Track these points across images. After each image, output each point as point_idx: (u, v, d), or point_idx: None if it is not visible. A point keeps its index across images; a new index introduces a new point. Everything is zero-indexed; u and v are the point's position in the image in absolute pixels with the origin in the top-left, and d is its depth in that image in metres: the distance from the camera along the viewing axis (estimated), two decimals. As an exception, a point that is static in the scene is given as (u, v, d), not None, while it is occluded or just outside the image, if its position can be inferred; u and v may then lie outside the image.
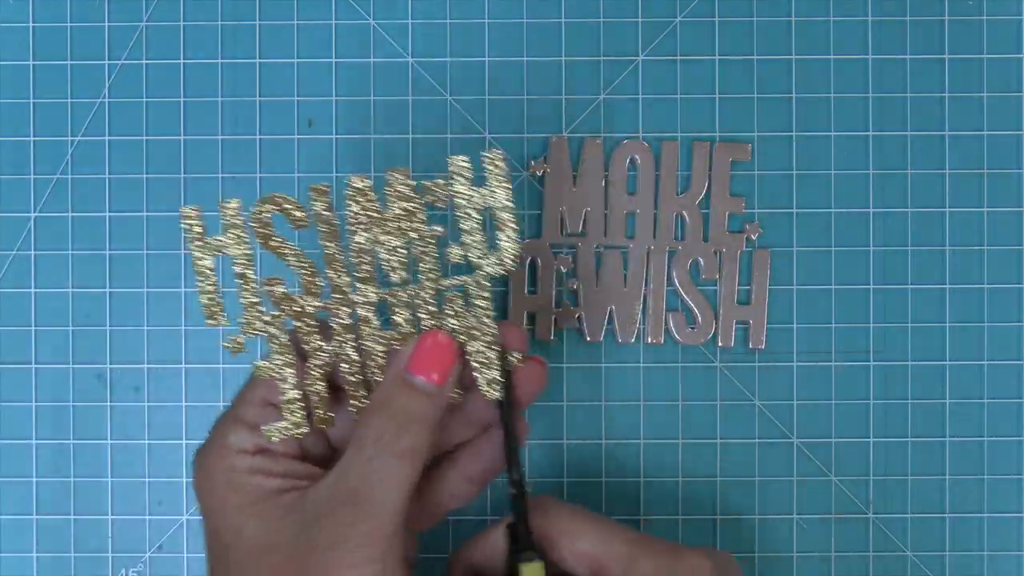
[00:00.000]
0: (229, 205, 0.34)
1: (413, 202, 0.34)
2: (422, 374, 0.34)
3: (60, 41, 0.44)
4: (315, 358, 0.34)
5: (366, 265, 0.34)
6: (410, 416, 0.33)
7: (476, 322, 0.34)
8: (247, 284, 0.34)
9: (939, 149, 0.44)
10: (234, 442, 0.34)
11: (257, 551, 0.33)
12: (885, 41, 0.44)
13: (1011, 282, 0.44)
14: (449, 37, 0.44)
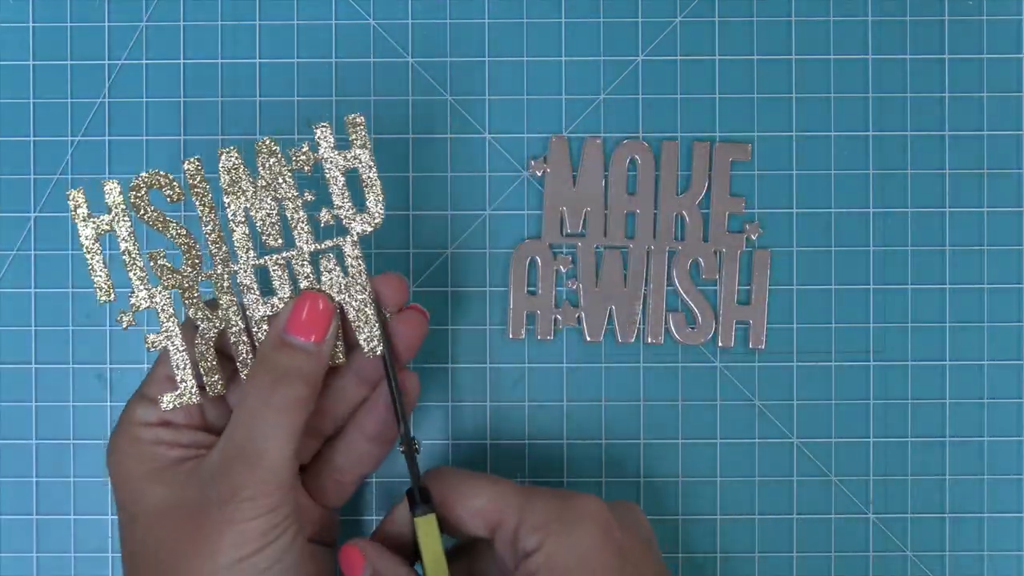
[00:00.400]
0: (110, 185, 0.36)
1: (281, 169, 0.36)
2: (299, 334, 0.35)
3: (60, 41, 0.44)
4: (203, 328, 0.36)
5: (243, 234, 0.36)
6: (288, 372, 0.35)
7: (351, 281, 0.36)
8: (132, 259, 0.36)
9: (939, 149, 0.44)
10: (139, 415, 0.36)
11: (159, 514, 0.35)
12: (885, 41, 0.44)
13: (1011, 282, 0.44)
14: (449, 37, 0.44)
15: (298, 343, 0.35)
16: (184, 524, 0.34)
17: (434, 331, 0.44)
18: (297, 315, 0.36)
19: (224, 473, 0.34)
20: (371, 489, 0.44)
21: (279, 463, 0.34)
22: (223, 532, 0.33)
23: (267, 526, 0.34)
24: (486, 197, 0.44)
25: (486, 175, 0.44)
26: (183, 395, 0.36)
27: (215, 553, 0.33)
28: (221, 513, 0.33)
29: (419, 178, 0.44)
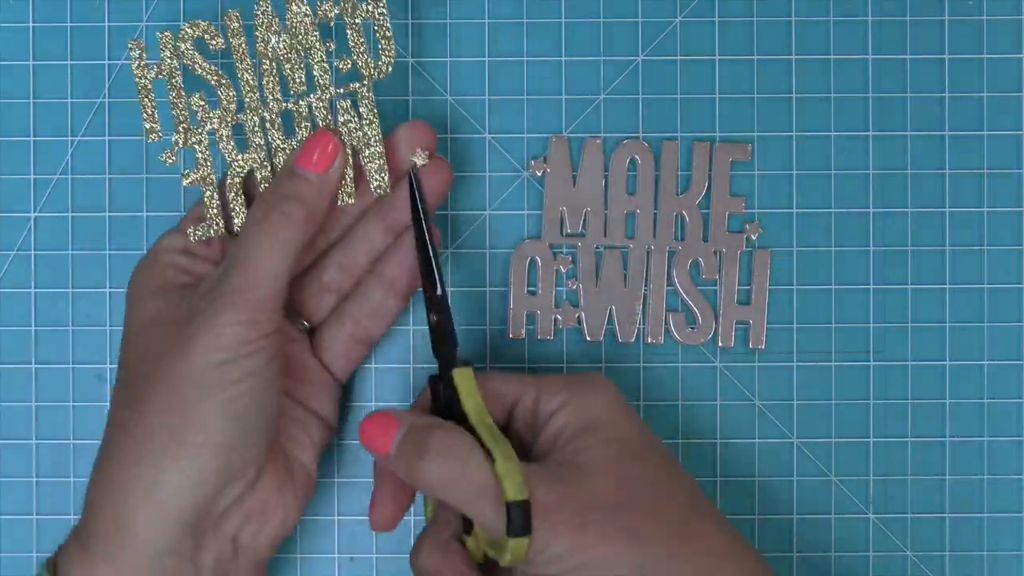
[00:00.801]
0: (166, 35, 0.40)
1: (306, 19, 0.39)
2: (306, 165, 0.38)
3: (60, 41, 0.44)
4: (233, 168, 0.40)
5: (271, 78, 0.40)
6: (287, 195, 0.37)
7: (364, 122, 0.39)
8: (179, 102, 0.40)
9: (939, 149, 0.44)
10: (164, 242, 0.39)
11: (149, 323, 0.37)
12: (885, 41, 0.44)
13: (1011, 282, 0.44)
14: (449, 37, 0.44)
15: (303, 172, 0.38)
16: (169, 330, 0.36)
17: (434, 331, 0.44)
18: (307, 150, 0.38)
19: (213, 282, 0.36)
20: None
21: (264, 275, 0.35)
22: (200, 333, 0.35)
23: (245, 336, 0.35)
24: (486, 197, 0.44)
25: (486, 175, 0.44)
26: (209, 226, 0.39)
27: (190, 352, 0.35)
28: (203, 318, 0.35)
29: (419, 178, 0.44)
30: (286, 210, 0.37)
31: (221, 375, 0.34)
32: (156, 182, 0.44)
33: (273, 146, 0.40)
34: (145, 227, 0.44)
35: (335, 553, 0.44)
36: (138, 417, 0.35)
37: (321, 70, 0.40)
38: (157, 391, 0.35)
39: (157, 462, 0.34)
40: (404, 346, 0.44)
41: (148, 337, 0.36)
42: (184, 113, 0.40)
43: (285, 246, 0.36)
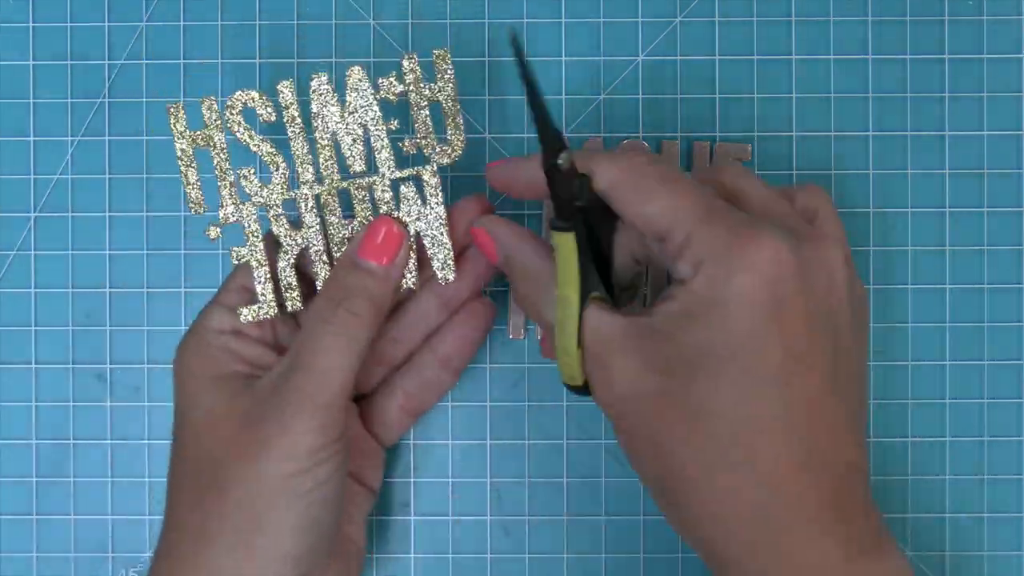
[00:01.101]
0: (208, 102, 0.37)
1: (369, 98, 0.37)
2: (370, 256, 0.37)
3: (60, 41, 0.44)
4: (286, 245, 0.38)
5: (328, 156, 0.37)
6: (355, 291, 0.36)
7: (428, 208, 0.38)
8: (224, 175, 0.37)
9: (939, 149, 0.44)
10: (212, 322, 0.37)
11: (212, 420, 0.35)
12: (885, 41, 0.44)
13: (1011, 282, 0.44)
14: (449, 37, 0.44)
15: (367, 265, 0.36)
16: (233, 433, 0.34)
17: (434, 331, 0.44)
18: (369, 239, 0.37)
19: (280, 383, 0.35)
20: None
21: (334, 379, 0.34)
22: (272, 443, 0.33)
23: (315, 444, 0.34)
24: (486, 197, 0.44)
25: (486, 175, 0.44)
26: (262, 307, 0.37)
27: (262, 464, 0.33)
28: (272, 423, 0.34)
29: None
30: (353, 307, 0.35)
31: (294, 487, 0.33)
32: (156, 182, 0.44)
33: (329, 225, 0.38)
34: (145, 227, 0.44)
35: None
36: (209, 525, 0.34)
37: (383, 150, 0.38)
38: (228, 500, 0.33)
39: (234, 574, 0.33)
40: (404, 346, 0.44)
41: (213, 436, 0.35)
42: (232, 187, 0.38)
43: (353, 344, 0.35)
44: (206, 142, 0.37)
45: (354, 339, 0.35)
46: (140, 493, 0.43)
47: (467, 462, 0.44)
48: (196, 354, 0.36)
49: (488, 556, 0.43)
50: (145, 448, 0.43)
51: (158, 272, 0.44)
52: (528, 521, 0.43)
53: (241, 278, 0.38)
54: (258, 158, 0.37)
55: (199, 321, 0.37)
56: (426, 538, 0.43)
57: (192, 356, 0.36)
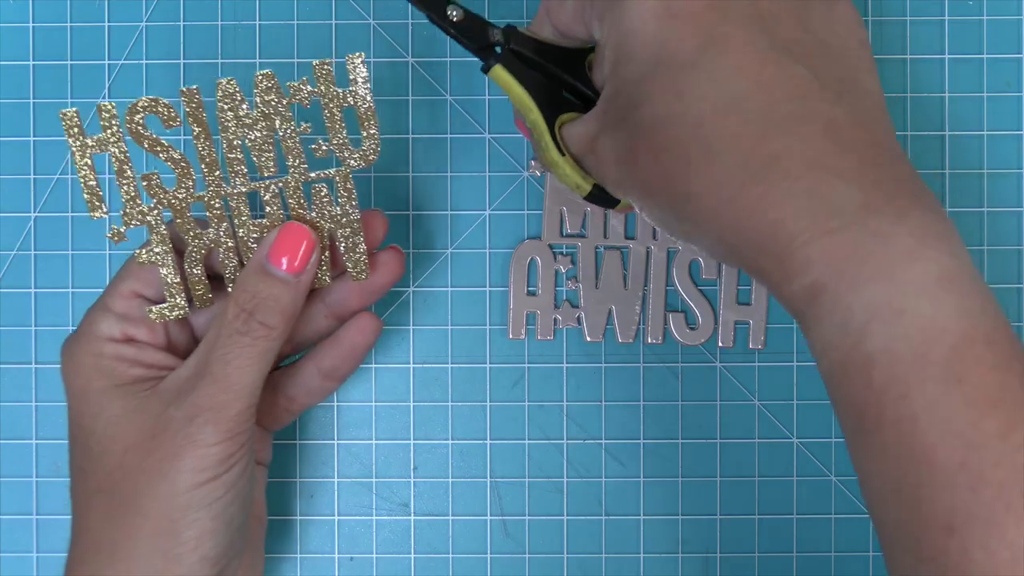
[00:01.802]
0: (106, 107, 0.35)
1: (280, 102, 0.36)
2: (280, 264, 0.35)
3: (60, 41, 0.44)
4: (193, 245, 0.36)
5: (236, 159, 0.36)
6: (265, 300, 0.35)
7: (341, 211, 0.37)
8: (125, 179, 0.36)
9: (939, 149, 0.44)
10: (103, 330, 0.36)
11: (117, 430, 0.34)
12: (885, 41, 0.44)
13: (1011, 282, 0.44)
14: (449, 37, 0.44)
15: (278, 273, 0.35)
16: (141, 444, 0.34)
17: (434, 331, 0.44)
18: (279, 245, 0.36)
19: (189, 391, 0.34)
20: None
21: (245, 389, 0.34)
22: (183, 455, 0.33)
23: (227, 452, 0.34)
24: (486, 197, 0.44)
25: (486, 175, 0.44)
26: (174, 308, 0.36)
27: (174, 476, 0.33)
28: (182, 434, 0.33)
29: (419, 178, 0.44)
30: (264, 318, 0.34)
31: (208, 493, 0.33)
32: (156, 182, 0.44)
33: (239, 226, 0.37)
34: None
35: (335, 553, 0.44)
36: (123, 538, 0.34)
37: (293, 155, 0.36)
38: (144, 513, 0.33)
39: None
40: (404, 347, 0.44)
41: (119, 447, 0.34)
42: (133, 190, 0.36)
43: (265, 355, 0.35)
44: (103, 148, 0.36)
45: (266, 350, 0.35)
46: (140, 493, 0.43)
47: (467, 462, 0.44)
48: (89, 367, 0.35)
49: (488, 556, 0.43)
50: (145, 448, 0.43)
51: (158, 272, 0.44)
52: (528, 521, 0.43)
53: (130, 282, 0.37)
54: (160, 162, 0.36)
55: (87, 329, 0.36)
56: (426, 538, 0.43)
57: (85, 369, 0.35)
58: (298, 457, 0.44)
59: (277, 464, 0.43)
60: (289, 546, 0.43)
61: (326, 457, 0.44)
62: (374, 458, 0.44)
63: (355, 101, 0.36)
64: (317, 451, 0.44)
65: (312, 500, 0.44)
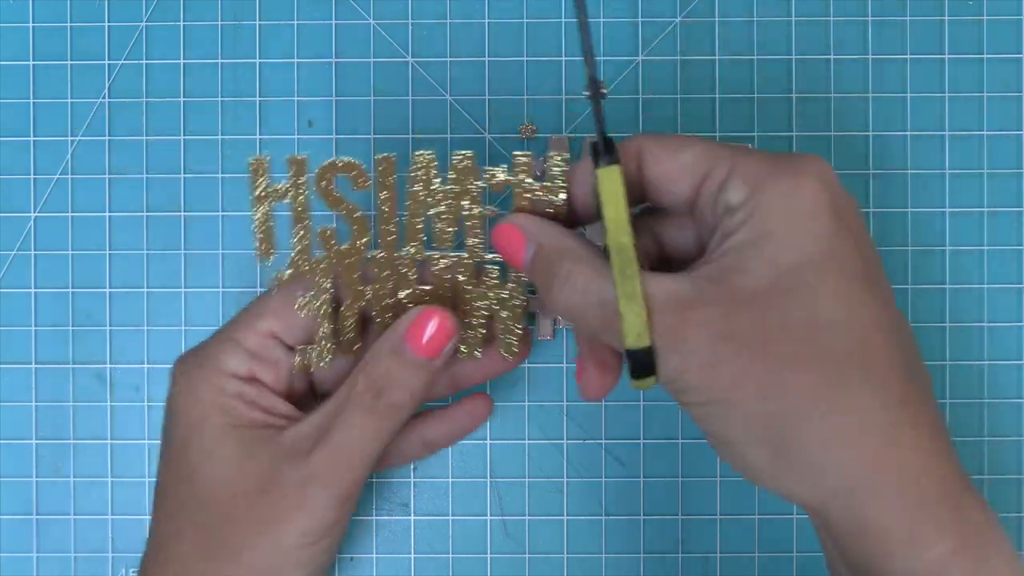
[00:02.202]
0: (298, 159, 0.36)
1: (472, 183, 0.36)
2: (416, 346, 0.35)
3: (60, 41, 0.44)
4: (352, 299, 0.36)
5: (417, 228, 0.36)
6: (395, 380, 0.34)
7: (509, 295, 0.36)
8: (303, 228, 0.36)
9: (939, 149, 0.44)
10: (230, 364, 0.35)
11: (225, 475, 0.34)
12: (885, 41, 0.44)
13: (1011, 282, 0.44)
14: (449, 37, 0.44)
15: (412, 356, 0.35)
16: (250, 494, 0.34)
17: (434, 331, 0.44)
18: (417, 327, 0.35)
19: (306, 452, 0.34)
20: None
21: (364, 462, 0.34)
22: (292, 518, 0.33)
23: (334, 519, 0.34)
24: (486, 197, 0.44)
25: (486, 175, 0.44)
26: (322, 357, 0.36)
27: (279, 535, 0.33)
28: (294, 497, 0.33)
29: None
30: (393, 398, 0.34)
31: (309, 554, 0.34)
32: (156, 182, 0.44)
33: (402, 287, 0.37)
34: (145, 227, 0.44)
35: (335, 553, 0.44)
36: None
37: (474, 234, 0.36)
38: (239, 561, 0.33)
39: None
40: (404, 346, 0.44)
41: (227, 492, 0.34)
42: (307, 240, 0.36)
43: (387, 432, 0.35)
44: (284, 197, 0.36)
45: (389, 428, 0.34)
46: (140, 493, 0.43)
47: (467, 462, 0.44)
48: (208, 402, 0.35)
49: (488, 556, 0.43)
50: (145, 448, 0.43)
51: (158, 272, 0.44)
52: (528, 521, 0.43)
53: (268, 321, 0.36)
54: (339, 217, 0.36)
55: (213, 360, 0.35)
56: (426, 538, 0.43)
57: (202, 403, 0.35)
58: (298, 457, 0.44)
59: (277, 464, 0.43)
60: (289, 546, 0.43)
61: (326, 457, 0.44)
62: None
63: (547, 195, 0.35)
64: (317, 451, 0.44)
65: (312, 500, 0.44)
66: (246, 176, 0.44)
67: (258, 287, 0.44)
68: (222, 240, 0.44)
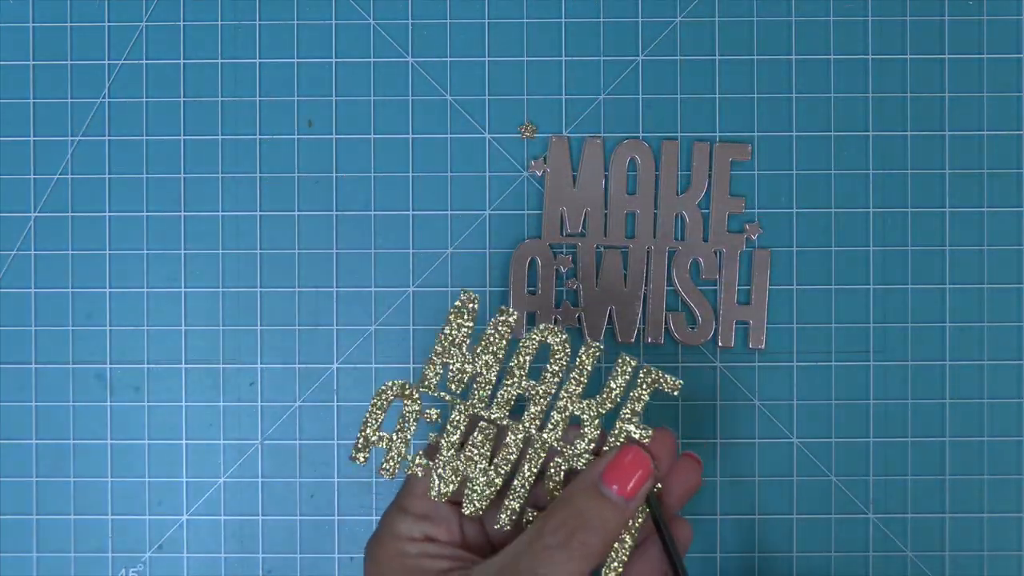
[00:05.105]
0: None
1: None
2: (614, 485, 0.35)
3: (60, 41, 0.44)
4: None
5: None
6: (591, 520, 0.34)
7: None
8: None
9: (939, 149, 0.44)
10: (402, 530, 0.36)
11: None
12: (885, 41, 0.44)
13: (1011, 282, 0.44)
14: (449, 37, 0.44)
15: (610, 495, 0.35)
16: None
17: (434, 331, 0.44)
18: (617, 466, 0.35)
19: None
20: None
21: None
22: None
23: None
24: (486, 197, 0.44)
25: (486, 175, 0.44)
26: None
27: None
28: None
29: (419, 178, 0.44)
30: (587, 538, 0.34)
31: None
32: (156, 182, 0.44)
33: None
34: (145, 227, 0.44)
35: (335, 553, 0.44)
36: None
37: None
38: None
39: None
40: (404, 347, 0.44)
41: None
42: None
43: (578, 573, 0.34)
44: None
45: (580, 570, 0.34)
46: (140, 493, 0.43)
47: (467, 462, 0.44)
48: (395, 566, 0.36)
49: (488, 556, 0.43)
50: (145, 448, 0.43)
51: (158, 272, 0.44)
52: (528, 521, 0.43)
53: (426, 485, 0.37)
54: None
55: (388, 530, 0.36)
56: None
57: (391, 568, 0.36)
58: (298, 457, 0.44)
59: (277, 464, 0.43)
60: (289, 546, 0.43)
61: (326, 457, 0.44)
62: (374, 458, 0.44)
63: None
64: (317, 451, 0.44)
65: (312, 500, 0.44)
66: (246, 176, 0.44)
67: (258, 287, 0.44)
68: (222, 240, 0.44)
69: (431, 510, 0.37)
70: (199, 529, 0.44)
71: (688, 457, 0.37)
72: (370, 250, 0.44)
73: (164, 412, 0.44)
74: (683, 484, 0.37)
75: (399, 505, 0.37)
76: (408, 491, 0.37)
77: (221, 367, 0.44)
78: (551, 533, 0.34)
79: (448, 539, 0.37)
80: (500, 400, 0.36)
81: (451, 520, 0.37)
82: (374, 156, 0.44)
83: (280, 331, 0.44)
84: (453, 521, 0.37)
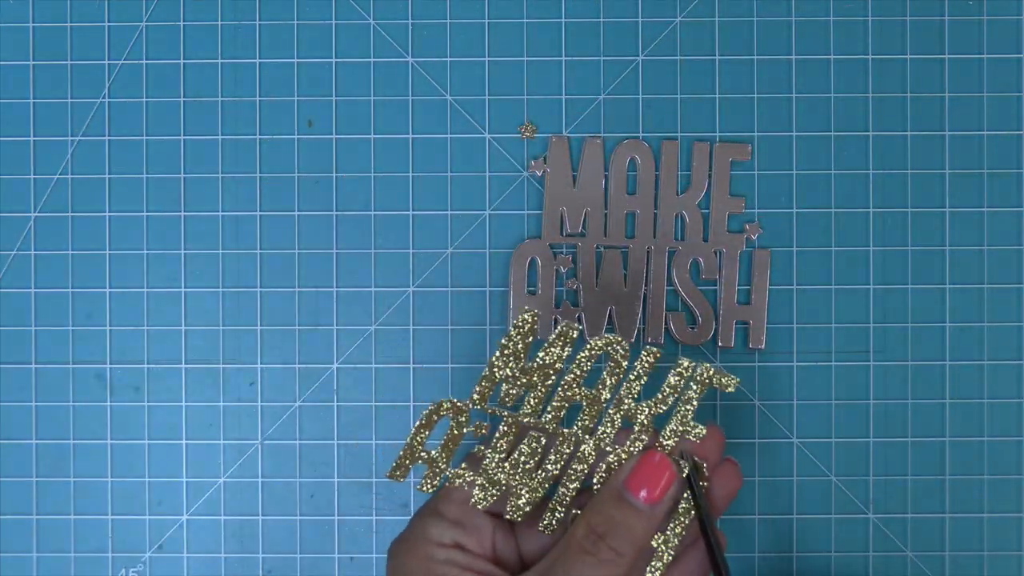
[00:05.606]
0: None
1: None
2: (638, 491, 0.35)
3: (60, 41, 0.44)
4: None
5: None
6: (617, 526, 0.34)
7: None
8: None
9: (939, 149, 0.44)
10: (433, 534, 0.36)
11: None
12: (885, 41, 0.44)
13: (1011, 282, 0.44)
14: (449, 37, 0.44)
15: (634, 501, 0.35)
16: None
17: (434, 331, 0.44)
18: (639, 473, 0.35)
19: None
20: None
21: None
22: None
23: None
24: (486, 197, 0.44)
25: (486, 175, 0.44)
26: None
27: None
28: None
29: (419, 178, 0.44)
30: (615, 543, 0.34)
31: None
32: (156, 183, 0.44)
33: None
34: (145, 227, 0.44)
35: (335, 553, 0.44)
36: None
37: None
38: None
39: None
40: (404, 347, 0.44)
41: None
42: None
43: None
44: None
45: (609, 574, 0.34)
46: (140, 493, 0.43)
47: (467, 462, 0.44)
48: (421, 569, 0.35)
49: (488, 556, 0.43)
50: (145, 448, 0.44)
51: (158, 272, 0.44)
52: (528, 521, 0.43)
53: (464, 492, 0.37)
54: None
55: (419, 532, 0.36)
56: None
57: (417, 571, 0.35)
58: (298, 457, 0.44)
59: (277, 464, 0.43)
60: (289, 546, 0.43)
61: (326, 457, 0.44)
62: (374, 458, 0.44)
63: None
64: (317, 451, 0.44)
65: (312, 500, 0.44)
66: (246, 176, 0.44)
67: (258, 287, 0.44)
68: (222, 240, 0.44)
69: (465, 517, 0.36)
70: (199, 529, 0.44)
71: (727, 462, 0.37)
72: (370, 250, 0.44)
73: (164, 412, 0.44)
74: (725, 486, 0.37)
75: (434, 508, 0.37)
76: (445, 495, 0.37)
77: (221, 367, 0.44)
78: (580, 539, 0.34)
79: (478, 550, 0.36)
80: (551, 410, 0.36)
81: (484, 531, 0.37)
82: (374, 156, 0.44)
83: (280, 331, 0.44)
84: (486, 533, 0.37)
